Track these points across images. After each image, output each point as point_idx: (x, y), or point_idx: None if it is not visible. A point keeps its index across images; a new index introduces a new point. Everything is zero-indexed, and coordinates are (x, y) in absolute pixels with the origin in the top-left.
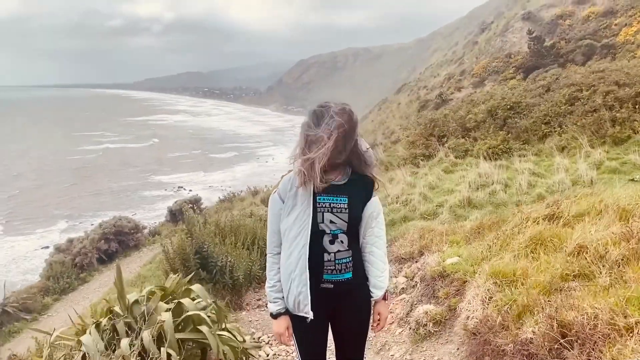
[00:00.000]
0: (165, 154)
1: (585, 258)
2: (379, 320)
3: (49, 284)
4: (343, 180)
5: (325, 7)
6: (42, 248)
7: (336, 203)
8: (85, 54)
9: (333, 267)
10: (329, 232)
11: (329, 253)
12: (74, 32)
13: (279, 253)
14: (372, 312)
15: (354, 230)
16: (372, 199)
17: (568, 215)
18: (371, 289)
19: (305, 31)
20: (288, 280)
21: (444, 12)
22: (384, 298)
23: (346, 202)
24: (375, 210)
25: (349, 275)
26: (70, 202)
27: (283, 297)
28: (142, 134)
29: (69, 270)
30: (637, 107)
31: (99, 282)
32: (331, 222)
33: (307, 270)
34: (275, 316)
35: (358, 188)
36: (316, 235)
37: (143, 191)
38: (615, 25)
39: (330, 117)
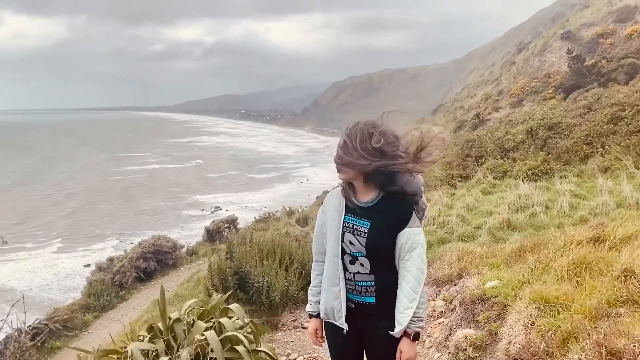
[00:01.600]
0: (205, 174)
1: (634, 283)
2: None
3: (89, 301)
4: (370, 203)
5: (363, 29)
6: (84, 266)
7: (358, 225)
8: (128, 78)
9: (353, 287)
10: (348, 252)
11: (349, 272)
12: (118, 57)
13: (320, 261)
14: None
15: (377, 256)
16: (405, 229)
17: (614, 238)
18: (395, 322)
19: (342, 53)
20: (324, 289)
21: (480, 33)
22: (413, 338)
23: (367, 226)
24: (407, 242)
25: (372, 300)
26: (115, 221)
27: (318, 300)
28: (185, 154)
29: (109, 288)
30: None
31: (138, 300)
32: (350, 243)
33: (341, 284)
34: (310, 316)
35: (387, 215)
36: (341, 252)
37: (182, 211)
38: None
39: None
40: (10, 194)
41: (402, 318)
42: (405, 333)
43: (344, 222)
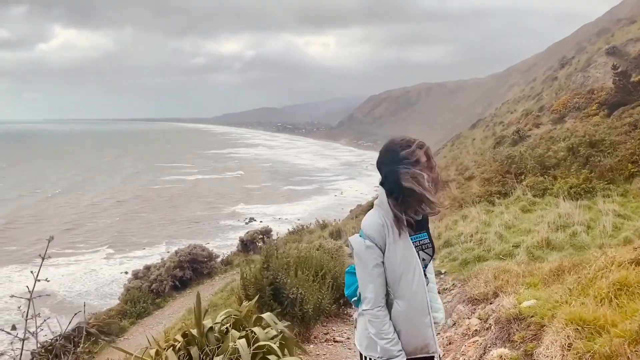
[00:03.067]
0: (243, 185)
1: None
2: None
3: (126, 307)
4: (419, 215)
5: (401, 43)
6: (121, 273)
7: (421, 240)
8: (169, 90)
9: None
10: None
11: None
12: (161, 69)
13: (383, 306)
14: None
15: (430, 263)
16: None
17: None
18: (434, 314)
19: (379, 67)
20: (414, 324)
21: (521, 48)
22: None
23: (426, 237)
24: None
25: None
26: (155, 230)
27: (391, 328)
28: (225, 165)
29: (145, 295)
30: None
31: (173, 308)
32: (423, 259)
33: (431, 312)
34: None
35: (424, 221)
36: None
37: (219, 221)
38: None
39: None
40: (57, 201)
41: (439, 303)
42: None
43: (413, 242)
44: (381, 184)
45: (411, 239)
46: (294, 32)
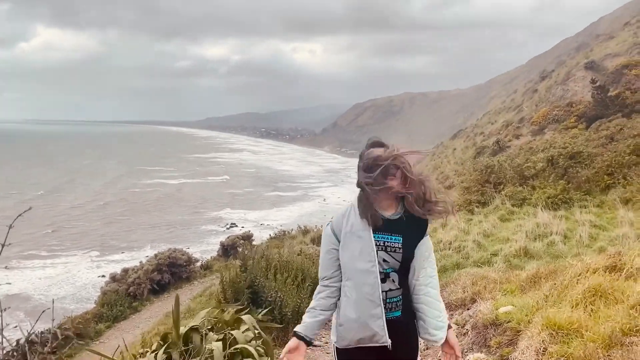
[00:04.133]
0: (225, 190)
1: None
2: (453, 352)
3: (103, 310)
4: (396, 215)
5: (387, 52)
6: (98, 277)
7: (390, 242)
8: (154, 92)
9: (384, 305)
10: (381, 270)
11: (382, 291)
12: (146, 72)
13: (328, 286)
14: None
15: (405, 268)
16: (425, 238)
17: (631, 267)
18: (431, 331)
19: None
20: (363, 314)
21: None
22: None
23: (400, 241)
24: (427, 249)
25: (398, 313)
26: (135, 234)
27: (315, 327)
28: (208, 170)
29: (122, 298)
30: None
31: (150, 312)
32: (384, 260)
33: (381, 304)
34: (297, 336)
35: (412, 226)
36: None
37: (200, 226)
38: None
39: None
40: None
41: (442, 321)
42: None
43: (375, 240)
44: None
45: (375, 237)
46: (282, 38)
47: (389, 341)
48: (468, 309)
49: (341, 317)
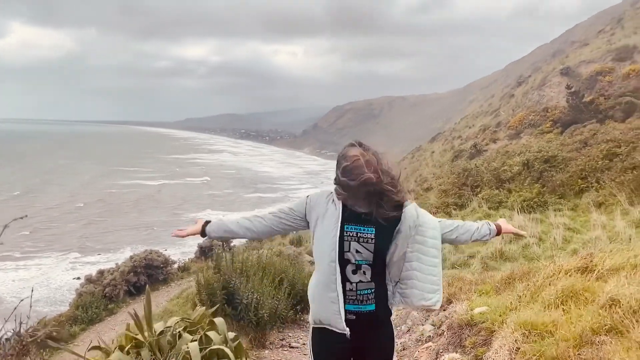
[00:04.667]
0: (204, 192)
1: (618, 312)
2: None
3: (77, 313)
4: (369, 209)
5: (368, 56)
6: (73, 279)
7: (363, 232)
8: (132, 92)
9: (354, 297)
10: (353, 261)
11: (351, 282)
12: (124, 71)
13: (260, 217)
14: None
15: (379, 262)
16: (404, 210)
17: (602, 268)
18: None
19: (345, 78)
20: (322, 296)
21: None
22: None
23: (373, 232)
24: (411, 219)
25: (372, 307)
26: (111, 235)
27: (222, 225)
28: (187, 171)
29: (98, 300)
30: None
31: (126, 314)
32: (357, 251)
33: (338, 288)
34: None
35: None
36: (341, 263)
37: (177, 227)
38: None
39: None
40: (12, 204)
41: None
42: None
43: (346, 231)
44: None
45: (348, 228)
46: (262, 40)
47: (347, 330)
48: (444, 310)
49: (309, 294)
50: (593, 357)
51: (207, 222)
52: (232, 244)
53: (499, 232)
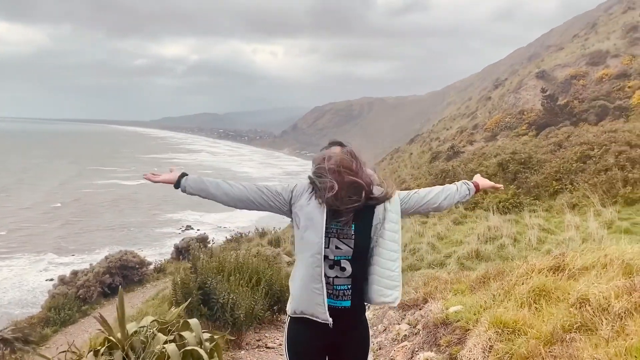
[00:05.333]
0: (178, 192)
1: (588, 310)
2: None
3: (50, 314)
4: (343, 205)
5: (348, 57)
6: (46, 280)
7: (343, 229)
8: (108, 91)
9: (331, 292)
10: (331, 257)
11: (327, 277)
12: (100, 69)
13: (251, 196)
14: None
15: (360, 257)
16: (377, 207)
17: (573, 267)
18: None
19: (325, 79)
20: (306, 287)
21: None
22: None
23: (353, 228)
24: (380, 221)
25: (347, 303)
26: (84, 237)
27: (198, 180)
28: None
29: (71, 302)
30: None
31: (96, 316)
32: (337, 247)
33: (323, 280)
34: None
35: (364, 213)
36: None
37: (155, 228)
38: (629, 87)
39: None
40: None
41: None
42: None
43: (328, 228)
44: None
45: (331, 225)
46: (242, 39)
47: (330, 319)
48: (420, 309)
49: (291, 285)
50: (563, 354)
51: (184, 175)
52: (209, 245)
53: (477, 189)
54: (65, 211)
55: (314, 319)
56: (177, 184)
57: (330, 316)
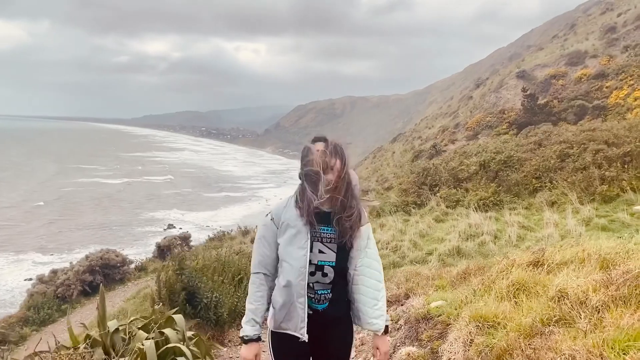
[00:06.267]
0: (163, 191)
1: (566, 304)
2: (379, 356)
3: (29, 314)
4: (332, 208)
5: (331, 55)
6: (25, 280)
7: (325, 232)
8: (89, 88)
9: (313, 296)
10: (314, 262)
11: (310, 283)
12: (81, 66)
13: (263, 274)
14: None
15: (341, 262)
16: (362, 227)
17: (552, 262)
18: (370, 320)
19: (308, 77)
20: (289, 301)
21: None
22: (385, 332)
23: (335, 232)
24: (363, 239)
25: (325, 305)
26: (65, 235)
27: (261, 322)
28: (149, 169)
29: (51, 301)
30: (625, 166)
31: (81, 314)
32: (320, 251)
33: (305, 295)
34: (247, 341)
35: (348, 219)
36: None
37: (137, 227)
38: (607, 87)
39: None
40: None
41: (379, 308)
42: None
43: (311, 232)
44: None
45: (320, 229)
46: (224, 37)
47: (306, 336)
48: (402, 305)
49: (272, 300)
50: (542, 346)
51: (246, 340)
52: (192, 244)
53: (377, 335)
54: (46, 210)
55: (293, 334)
56: (249, 340)
57: (313, 316)
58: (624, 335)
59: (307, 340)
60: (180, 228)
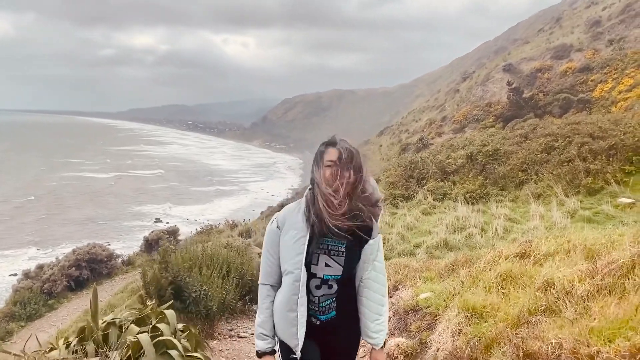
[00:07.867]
0: (150, 185)
1: (553, 293)
2: None
3: (14, 309)
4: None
5: (320, 49)
6: (9, 275)
7: (334, 246)
8: (74, 81)
9: (317, 309)
10: (320, 275)
11: (314, 296)
12: (67, 59)
13: (271, 285)
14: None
15: (347, 275)
16: (370, 240)
17: (538, 254)
18: (370, 334)
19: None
20: (283, 314)
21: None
22: (382, 347)
23: (344, 245)
24: (372, 251)
25: (333, 314)
26: (49, 230)
27: (273, 335)
28: (134, 163)
29: (37, 296)
30: (610, 159)
31: (68, 309)
32: (326, 265)
33: (299, 309)
34: (261, 355)
35: (356, 230)
36: (310, 276)
37: (124, 221)
38: (592, 81)
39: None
40: None
41: (380, 323)
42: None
43: (318, 244)
44: None
45: (320, 240)
46: (212, 30)
47: (299, 354)
48: (391, 297)
49: (274, 309)
50: (529, 335)
51: (258, 353)
52: (179, 238)
53: (374, 348)
54: (33, 205)
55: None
56: (272, 352)
57: (320, 325)
58: (609, 324)
59: (298, 358)
60: (167, 222)
